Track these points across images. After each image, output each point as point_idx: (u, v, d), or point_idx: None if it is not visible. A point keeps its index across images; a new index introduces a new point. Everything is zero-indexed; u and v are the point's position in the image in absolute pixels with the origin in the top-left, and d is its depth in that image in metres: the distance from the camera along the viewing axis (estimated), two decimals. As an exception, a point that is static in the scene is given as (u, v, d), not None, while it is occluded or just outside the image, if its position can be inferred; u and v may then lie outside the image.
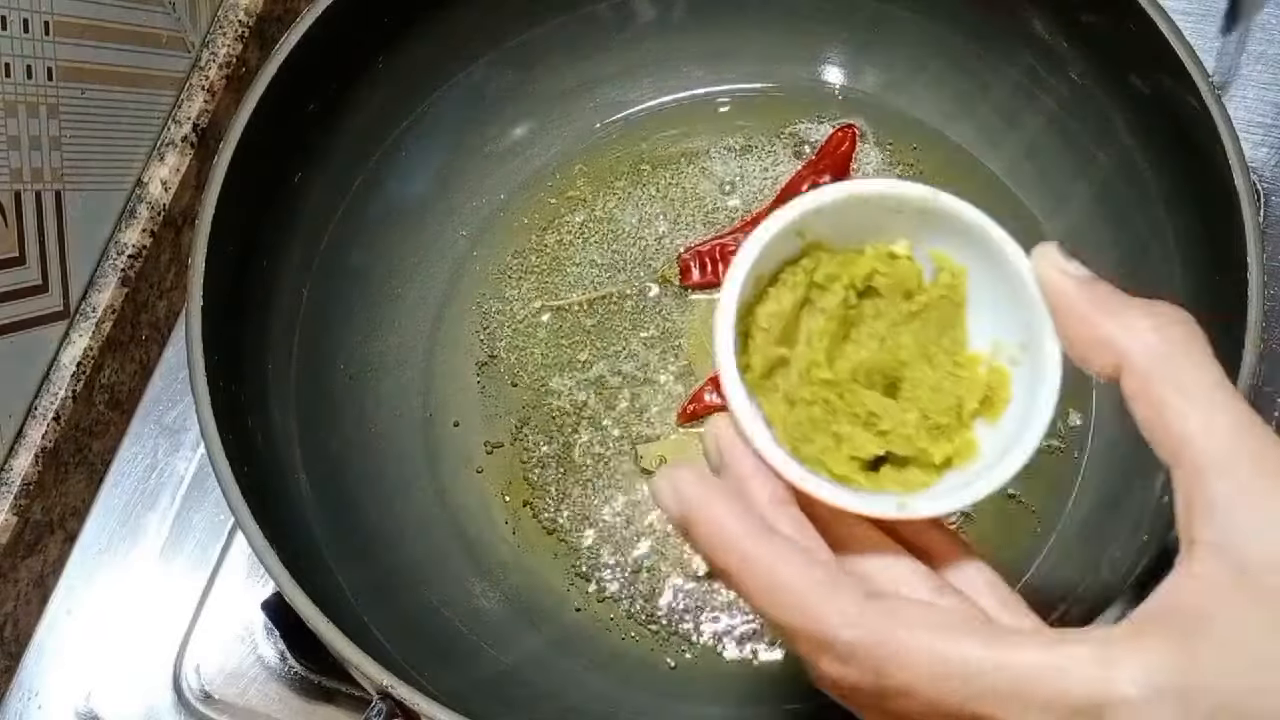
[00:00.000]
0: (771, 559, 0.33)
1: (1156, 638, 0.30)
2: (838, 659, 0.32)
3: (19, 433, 0.65)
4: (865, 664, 0.31)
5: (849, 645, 0.31)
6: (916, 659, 0.31)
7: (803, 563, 0.33)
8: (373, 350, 0.64)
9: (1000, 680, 0.30)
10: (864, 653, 0.31)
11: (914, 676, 0.31)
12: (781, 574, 0.32)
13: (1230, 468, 0.31)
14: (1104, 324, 0.33)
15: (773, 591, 0.32)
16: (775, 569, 0.33)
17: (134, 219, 0.69)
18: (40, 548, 0.66)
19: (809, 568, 0.32)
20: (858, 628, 0.31)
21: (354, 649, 0.48)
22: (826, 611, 0.32)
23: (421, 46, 0.63)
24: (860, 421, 0.37)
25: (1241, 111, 0.65)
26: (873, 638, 0.31)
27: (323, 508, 0.58)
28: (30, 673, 0.65)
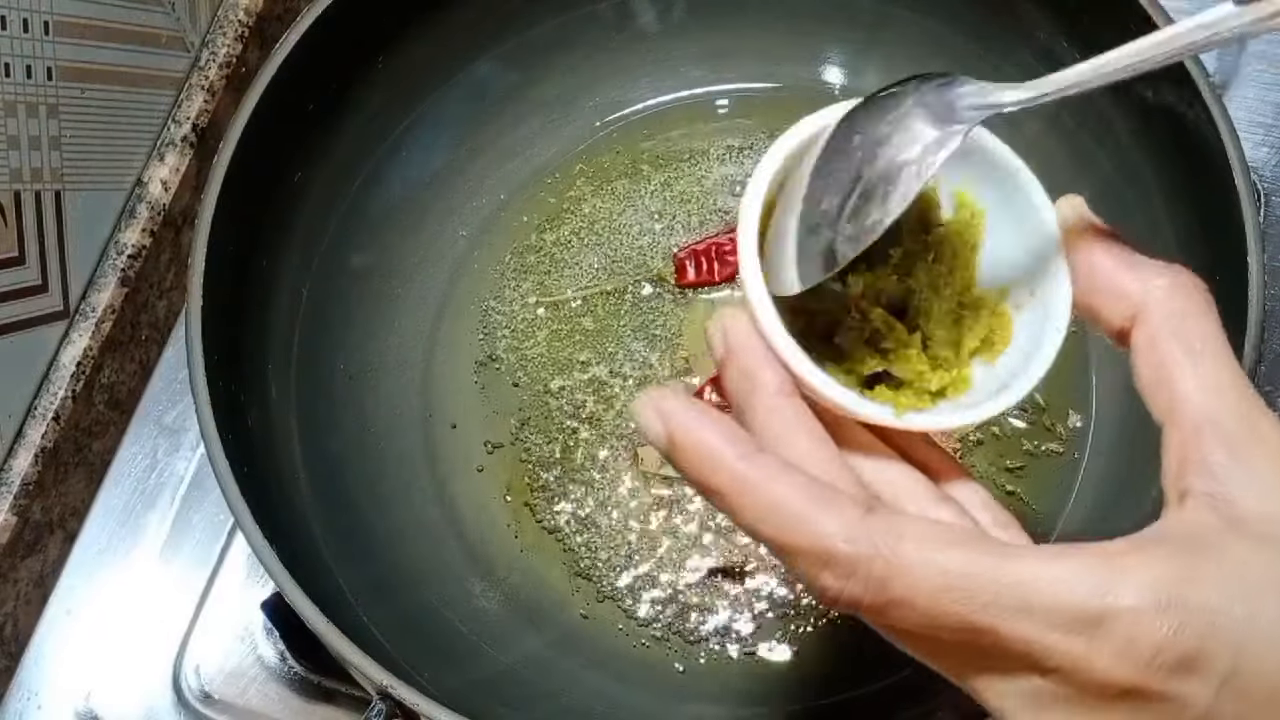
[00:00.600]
0: (765, 476, 0.32)
1: (1159, 553, 0.30)
2: (840, 573, 0.31)
3: (19, 433, 0.65)
4: (867, 577, 0.31)
5: (850, 559, 0.31)
6: (918, 571, 0.31)
7: (798, 479, 0.32)
8: (372, 350, 0.64)
9: (1002, 591, 0.30)
10: (865, 566, 0.31)
11: (915, 589, 0.31)
12: (776, 491, 0.32)
13: (1226, 427, 0.32)
14: (1124, 275, 0.34)
15: (769, 509, 0.32)
16: (770, 486, 0.32)
17: (134, 219, 0.69)
18: (40, 548, 0.66)
19: (805, 484, 0.32)
20: (858, 541, 0.31)
21: (353, 649, 0.48)
22: (826, 526, 0.31)
23: (421, 46, 0.63)
24: (864, 337, 0.37)
25: (1242, 112, 0.65)
26: (874, 551, 0.31)
27: (322, 508, 0.58)
28: (30, 672, 0.65)
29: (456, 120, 0.66)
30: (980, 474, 0.60)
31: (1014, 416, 0.60)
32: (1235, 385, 0.33)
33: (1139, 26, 0.53)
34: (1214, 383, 0.33)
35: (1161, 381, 0.33)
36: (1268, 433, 0.32)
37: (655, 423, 0.34)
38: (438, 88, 0.65)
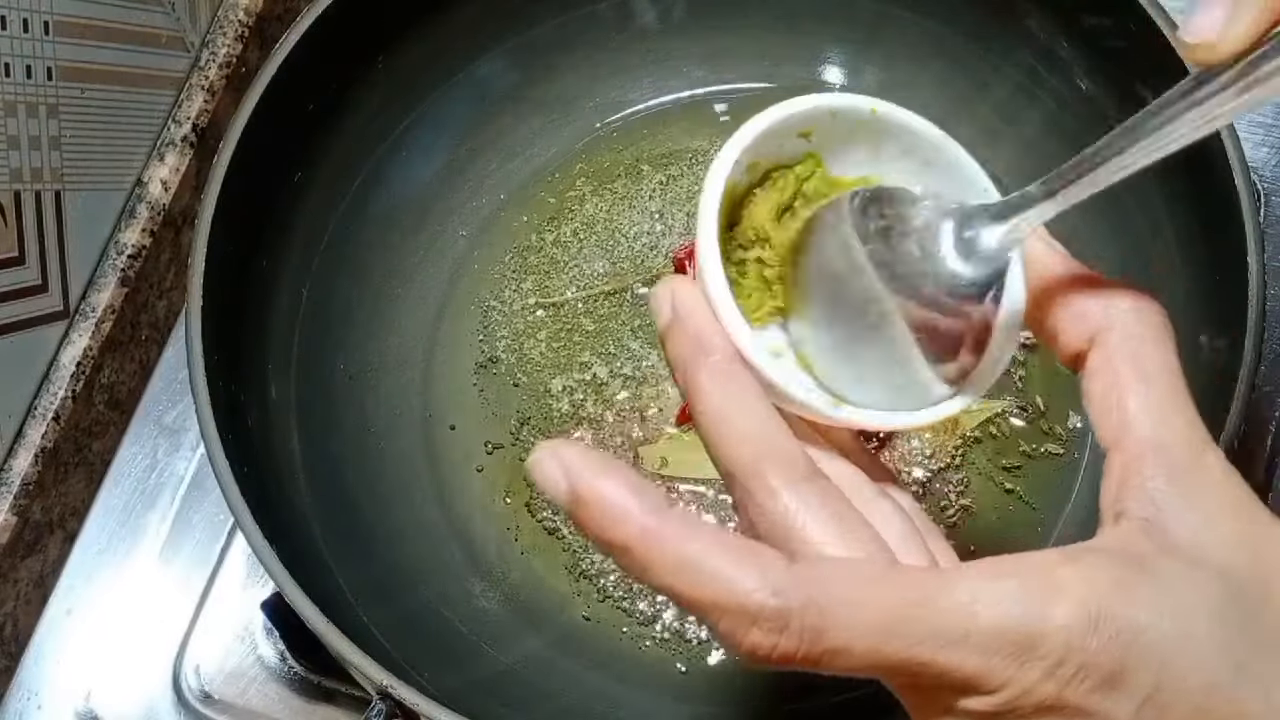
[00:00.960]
0: (678, 530, 0.30)
1: (1092, 565, 0.30)
2: (770, 629, 0.30)
3: (19, 433, 0.65)
4: (801, 631, 0.30)
5: (780, 613, 0.30)
6: (853, 616, 0.30)
7: (713, 533, 0.31)
8: (372, 350, 0.64)
9: (939, 623, 0.30)
10: (798, 619, 0.30)
11: (852, 634, 0.30)
12: (692, 546, 0.30)
13: (1171, 454, 0.32)
14: (1087, 296, 0.34)
15: (684, 565, 0.30)
16: (684, 540, 0.30)
17: (134, 219, 0.69)
18: (40, 548, 0.66)
19: (721, 537, 0.31)
20: (787, 594, 0.30)
21: (353, 649, 0.48)
22: (749, 580, 0.30)
23: (421, 47, 0.63)
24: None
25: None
26: (806, 601, 0.30)
27: (322, 508, 0.58)
28: (30, 672, 0.65)
29: (456, 120, 0.66)
30: (979, 472, 0.60)
31: (1014, 416, 0.60)
32: (1185, 415, 0.32)
33: (1138, 27, 0.53)
34: (1164, 410, 0.32)
35: (1112, 405, 0.33)
36: (1212, 464, 0.32)
37: (556, 474, 0.32)
38: (438, 88, 0.65)
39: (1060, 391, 0.60)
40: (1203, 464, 0.32)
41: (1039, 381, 0.61)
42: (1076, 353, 0.34)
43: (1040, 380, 0.61)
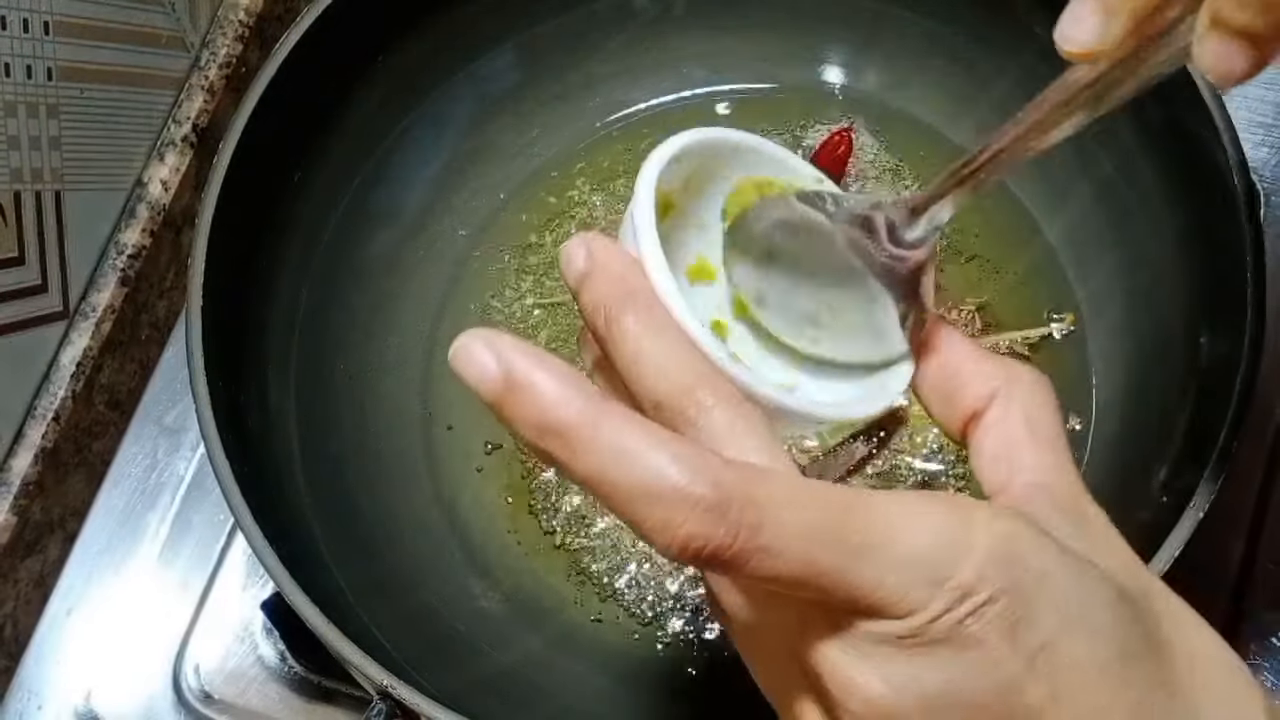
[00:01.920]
0: (619, 417, 0.30)
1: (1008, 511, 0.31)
2: (706, 518, 0.29)
3: (18, 433, 0.65)
4: (738, 522, 0.29)
5: (719, 502, 0.29)
6: (790, 515, 0.29)
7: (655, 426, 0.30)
8: (372, 350, 0.64)
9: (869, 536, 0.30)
10: (736, 510, 0.29)
11: (786, 533, 0.29)
12: (633, 433, 0.30)
13: (1055, 498, 0.34)
14: (988, 361, 0.36)
15: (622, 452, 0.30)
16: (623, 427, 0.30)
17: (134, 219, 0.69)
18: (40, 548, 0.66)
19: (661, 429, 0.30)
20: (725, 486, 0.29)
21: (353, 649, 0.48)
22: (690, 470, 0.29)
23: (421, 46, 0.63)
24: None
25: (1242, 111, 0.65)
26: (745, 493, 0.29)
27: (322, 507, 0.58)
28: (30, 672, 0.65)
29: (456, 120, 0.66)
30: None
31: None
32: (1070, 474, 0.34)
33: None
34: (1053, 466, 0.34)
35: (1003, 458, 0.35)
36: (1095, 515, 0.34)
37: (486, 358, 0.32)
38: (438, 87, 0.65)
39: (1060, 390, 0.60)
40: (1087, 513, 0.34)
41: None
42: (972, 412, 0.36)
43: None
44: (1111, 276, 0.60)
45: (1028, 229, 0.63)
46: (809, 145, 0.66)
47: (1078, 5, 0.32)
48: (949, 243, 0.64)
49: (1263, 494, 0.60)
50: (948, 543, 0.30)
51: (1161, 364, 0.57)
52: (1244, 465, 0.55)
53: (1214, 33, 0.31)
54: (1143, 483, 0.54)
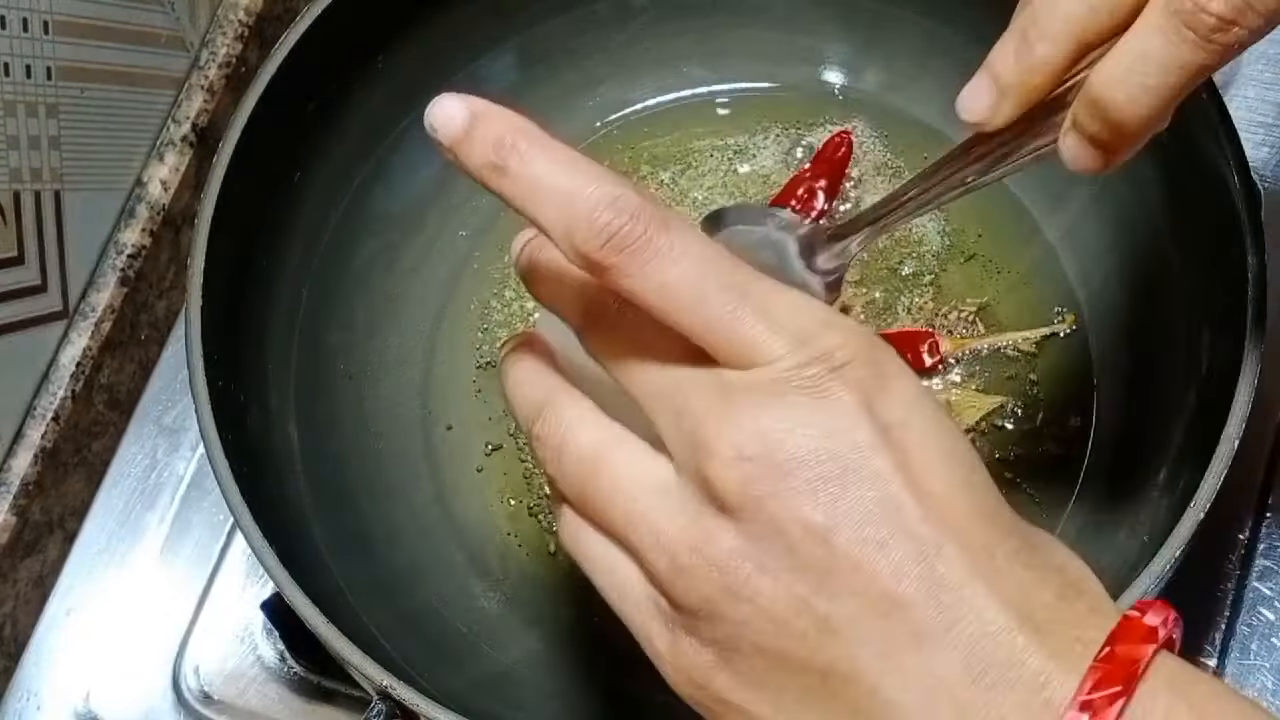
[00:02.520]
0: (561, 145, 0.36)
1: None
2: (623, 211, 0.34)
3: (18, 433, 0.65)
4: (650, 220, 0.34)
5: (637, 204, 0.34)
6: (692, 238, 0.34)
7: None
8: (372, 350, 0.64)
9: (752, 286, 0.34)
10: (649, 212, 0.34)
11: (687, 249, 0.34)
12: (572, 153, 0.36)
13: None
14: None
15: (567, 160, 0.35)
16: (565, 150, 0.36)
17: (133, 219, 0.69)
18: (39, 548, 0.66)
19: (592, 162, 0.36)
20: (645, 198, 0.34)
21: (353, 649, 0.48)
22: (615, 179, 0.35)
23: (421, 46, 0.63)
24: None
25: (1242, 111, 0.65)
26: (659, 208, 0.34)
27: (322, 508, 0.58)
28: (29, 673, 0.65)
29: (456, 120, 0.66)
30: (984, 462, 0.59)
31: (1016, 411, 0.61)
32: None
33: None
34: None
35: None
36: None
37: (455, 102, 0.37)
38: (438, 87, 0.65)
39: (1061, 390, 0.60)
40: None
41: (1040, 380, 0.61)
42: None
43: (1042, 379, 0.61)
44: (1112, 276, 0.61)
45: (1028, 229, 0.63)
46: (809, 144, 0.66)
47: (979, 81, 0.38)
48: (950, 243, 0.64)
49: (1263, 493, 0.60)
50: (821, 318, 0.33)
51: (1162, 364, 0.57)
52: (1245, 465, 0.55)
53: (1073, 133, 0.36)
54: (1144, 482, 0.54)
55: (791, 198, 0.65)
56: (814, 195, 0.64)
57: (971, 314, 0.62)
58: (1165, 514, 0.49)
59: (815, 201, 0.64)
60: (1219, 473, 0.47)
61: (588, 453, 0.36)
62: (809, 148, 0.66)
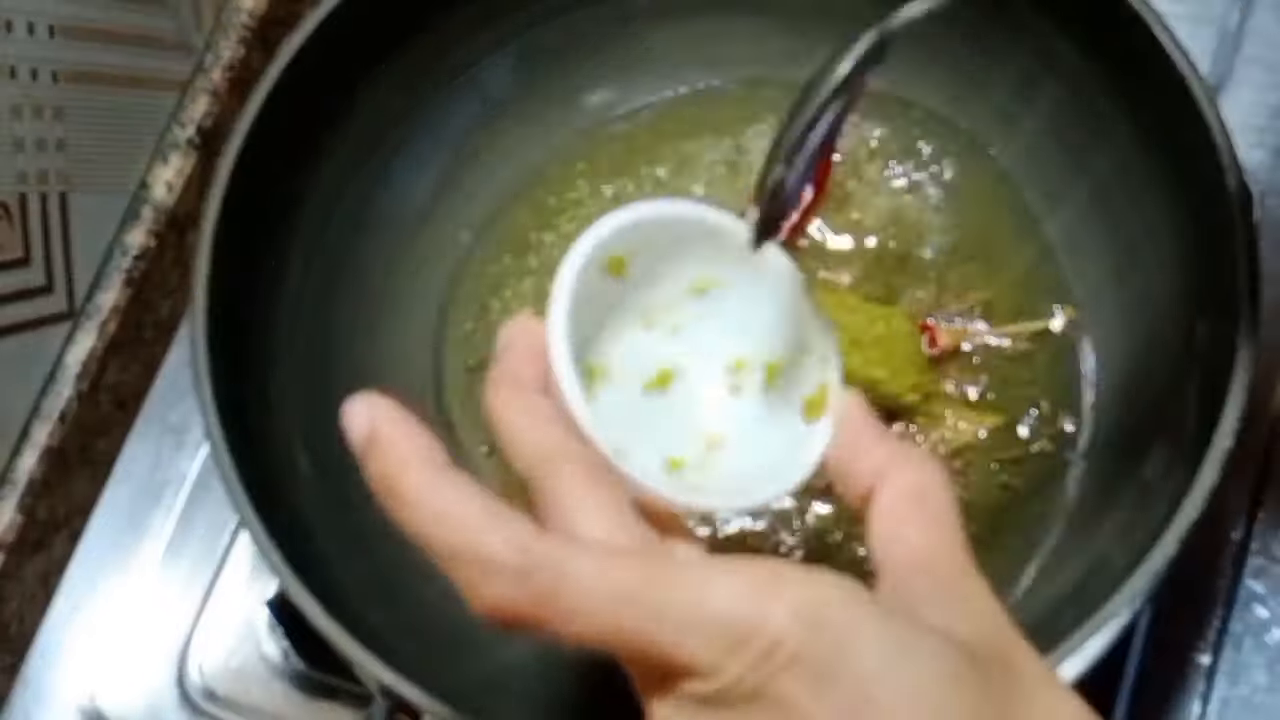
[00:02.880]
0: (451, 487, 0.33)
1: (825, 583, 0.32)
2: (505, 581, 0.32)
3: (24, 432, 0.65)
4: (537, 588, 0.32)
5: (519, 568, 0.32)
6: (590, 583, 0.31)
7: (479, 499, 0.33)
8: (374, 350, 0.65)
9: (669, 605, 0.31)
10: (535, 577, 0.31)
11: (587, 599, 0.31)
12: (456, 503, 0.33)
13: (938, 572, 0.35)
14: (884, 438, 0.37)
15: (443, 517, 0.33)
16: (451, 497, 0.33)
17: (138, 220, 0.69)
18: (46, 546, 0.67)
19: (486, 503, 0.33)
20: (530, 553, 0.32)
21: (355, 647, 0.49)
22: (497, 535, 0.32)
23: (423, 48, 0.64)
24: None
25: (1236, 114, 0.65)
26: (545, 562, 0.32)
27: (326, 506, 0.59)
28: (36, 670, 0.66)
29: (458, 122, 0.67)
30: (977, 467, 0.60)
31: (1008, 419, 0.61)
32: (956, 550, 0.35)
33: (1133, 30, 0.53)
34: (939, 543, 0.35)
35: (889, 537, 0.36)
36: (974, 591, 0.34)
37: (363, 414, 0.37)
38: (440, 89, 0.66)
39: (1056, 390, 0.61)
40: (966, 590, 0.34)
41: (1035, 381, 0.61)
42: (868, 489, 0.37)
43: (1037, 379, 0.61)
44: (1108, 277, 0.61)
45: (1025, 229, 0.63)
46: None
47: None
48: (949, 241, 0.64)
49: (1257, 491, 0.60)
50: (752, 606, 0.31)
51: (1157, 364, 0.57)
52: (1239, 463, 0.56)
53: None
54: (1138, 481, 0.55)
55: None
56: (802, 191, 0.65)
57: (970, 310, 0.63)
58: (1160, 513, 0.49)
59: (803, 197, 0.65)
60: (1213, 472, 0.47)
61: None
62: (805, 147, 0.67)
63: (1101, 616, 0.47)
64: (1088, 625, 0.47)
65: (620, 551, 0.33)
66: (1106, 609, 0.47)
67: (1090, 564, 0.55)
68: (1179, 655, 0.58)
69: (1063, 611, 0.52)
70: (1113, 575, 0.48)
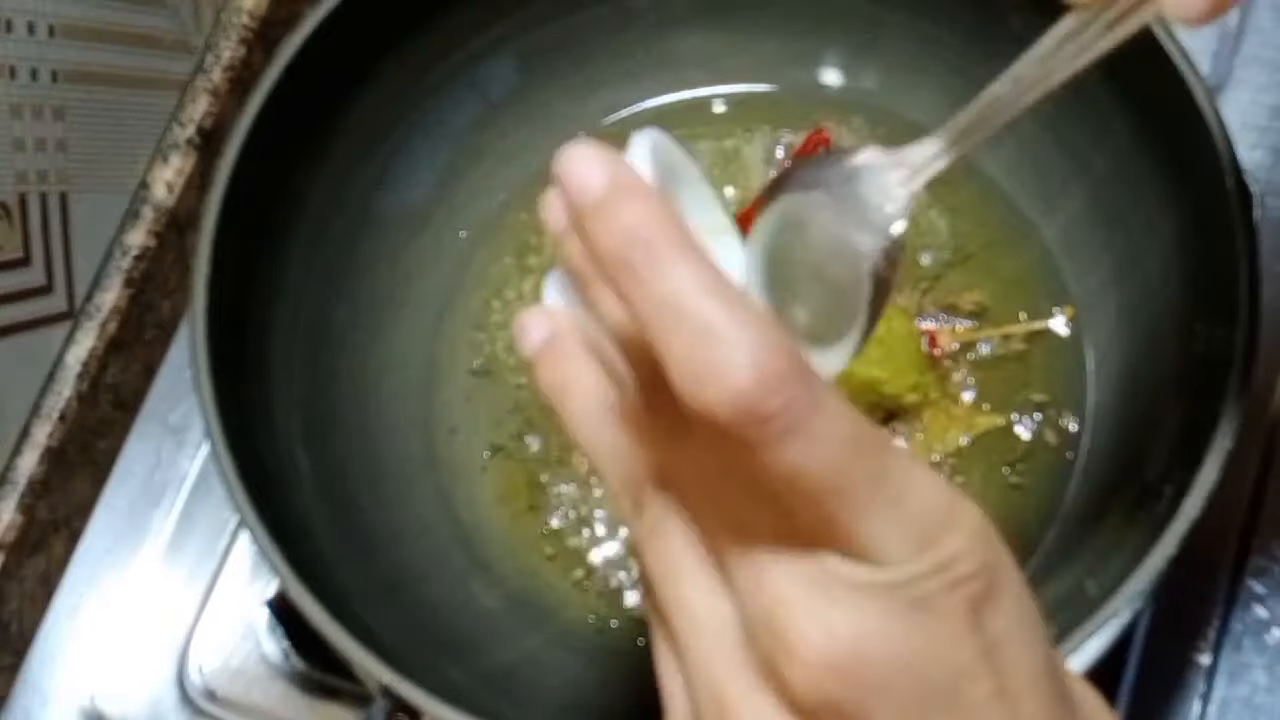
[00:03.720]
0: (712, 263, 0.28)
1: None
2: (768, 375, 0.27)
3: (24, 432, 0.65)
4: (798, 392, 0.27)
5: (787, 369, 0.27)
6: (843, 415, 0.28)
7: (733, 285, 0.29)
8: (374, 350, 0.65)
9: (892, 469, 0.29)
10: (801, 381, 0.27)
11: (834, 427, 0.28)
12: (720, 277, 0.28)
13: None
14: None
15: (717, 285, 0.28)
16: (715, 270, 0.28)
17: (138, 220, 0.69)
18: (46, 546, 0.67)
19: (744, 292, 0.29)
20: (799, 358, 0.28)
21: (356, 647, 0.49)
22: (771, 328, 0.27)
23: (423, 48, 0.64)
24: None
25: (1236, 114, 0.65)
26: (811, 375, 0.28)
27: (325, 506, 0.59)
28: (36, 670, 0.66)
29: (458, 122, 0.67)
30: (979, 462, 0.60)
31: (1014, 414, 0.61)
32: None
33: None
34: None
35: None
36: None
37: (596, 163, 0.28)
38: (439, 90, 0.66)
39: (1056, 391, 0.61)
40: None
41: (1035, 382, 0.61)
42: None
43: (1037, 381, 0.61)
44: (1107, 277, 0.61)
45: (1023, 230, 0.64)
46: (789, 144, 0.67)
47: None
48: (948, 243, 0.64)
49: (1257, 491, 0.60)
50: (945, 508, 0.29)
51: (1157, 365, 0.57)
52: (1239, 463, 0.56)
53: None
54: (1138, 481, 0.55)
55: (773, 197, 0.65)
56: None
57: (969, 312, 0.63)
58: (1160, 513, 0.49)
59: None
60: (1214, 472, 0.47)
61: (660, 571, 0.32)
62: (790, 147, 0.67)
63: (1101, 616, 0.47)
64: (1088, 625, 0.47)
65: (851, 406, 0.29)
66: (1106, 609, 0.47)
67: (1090, 563, 0.55)
68: (1179, 655, 0.58)
69: (1063, 611, 0.52)
70: (1112, 575, 0.48)
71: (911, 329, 0.61)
